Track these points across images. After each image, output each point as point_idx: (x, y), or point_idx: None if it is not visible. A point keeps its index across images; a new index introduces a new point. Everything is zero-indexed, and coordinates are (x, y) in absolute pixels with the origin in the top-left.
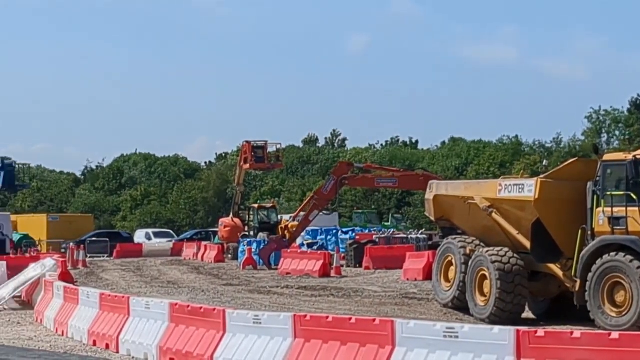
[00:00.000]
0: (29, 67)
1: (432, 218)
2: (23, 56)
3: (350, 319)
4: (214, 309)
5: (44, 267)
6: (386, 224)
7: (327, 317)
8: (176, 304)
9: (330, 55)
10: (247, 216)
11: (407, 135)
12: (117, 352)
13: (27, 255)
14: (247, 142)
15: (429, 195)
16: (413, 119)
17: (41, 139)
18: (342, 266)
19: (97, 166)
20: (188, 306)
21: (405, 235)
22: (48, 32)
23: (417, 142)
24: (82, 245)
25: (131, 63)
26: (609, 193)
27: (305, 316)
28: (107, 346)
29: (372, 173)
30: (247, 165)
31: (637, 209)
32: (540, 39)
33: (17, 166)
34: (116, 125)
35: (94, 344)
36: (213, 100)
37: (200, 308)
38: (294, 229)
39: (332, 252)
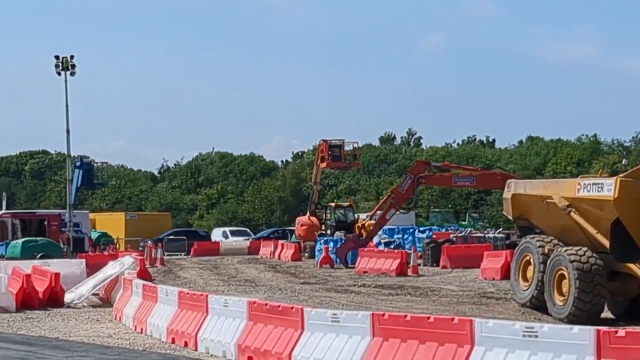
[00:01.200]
0: (108, 66)
1: (510, 217)
2: (102, 55)
3: (429, 317)
4: (292, 307)
5: (122, 265)
6: (463, 222)
7: (406, 316)
8: (254, 302)
9: (406, 54)
10: (324, 215)
11: (484, 134)
12: (196, 349)
13: (106, 253)
14: (324, 140)
15: (507, 194)
16: (490, 118)
17: (119, 138)
18: (419, 265)
19: (174, 164)
20: (266, 304)
21: (482, 234)
22: (126, 33)
23: (494, 140)
24: (159, 244)
25: (209, 62)
26: None
27: (384, 315)
28: (186, 344)
29: (449, 172)
30: (324, 164)
31: None
32: (619, 37)
33: (95, 164)
34: (194, 124)
35: (173, 341)
36: (289, 99)
37: (279, 306)
38: (371, 228)
39: (409, 251)
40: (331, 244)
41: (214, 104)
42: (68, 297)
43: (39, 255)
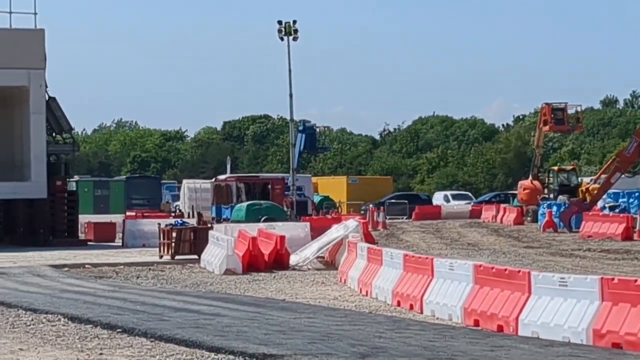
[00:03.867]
0: (329, 30)
1: None
2: (323, 19)
3: None
4: (519, 271)
5: (346, 228)
6: None
7: (636, 281)
8: (480, 265)
9: (629, 14)
10: (547, 179)
11: None
12: (421, 312)
13: (329, 216)
14: (546, 104)
15: None
16: None
17: (339, 102)
18: None
19: (395, 128)
20: (492, 267)
21: None
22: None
23: None
24: (381, 207)
25: (426, 26)
26: None
27: (613, 279)
28: (411, 307)
29: None
30: (547, 128)
31: None
32: None
33: (317, 129)
34: (414, 88)
35: (398, 304)
36: (510, 62)
37: (505, 270)
38: (595, 192)
39: (634, 215)
40: (554, 208)
41: (433, 68)
42: (293, 260)
43: (263, 219)
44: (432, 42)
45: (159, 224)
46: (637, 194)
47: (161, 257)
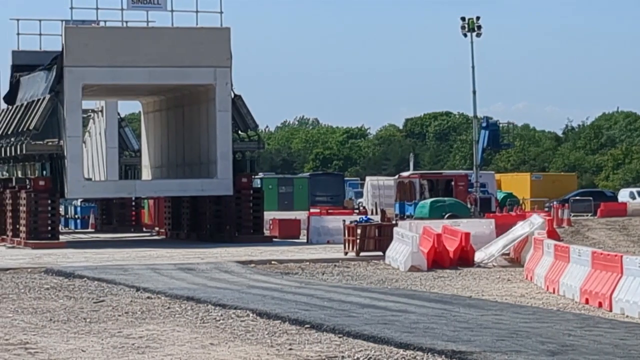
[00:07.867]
0: (512, 25)
1: None
2: (506, 14)
3: None
4: None
5: (532, 225)
6: None
7: None
8: None
9: None
10: None
11: None
12: (610, 310)
13: (513, 213)
14: None
15: None
16: None
17: (523, 98)
18: None
19: (578, 125)
20: None
21: None
22: None
23: None
24: (565, 204)
25: (606, 21)
26: None
27: None
28: (600, 304)
29: None
30: None
31: None
32: None
33: (501, 125)
34: (598, 83)
35: (586, 302)
36: None
37: None
38: None
39: None
40: None
41: (617, 63)
42: (478, 257)
43: (446, 216)
44: (616, 37)
45: (344, 220)
46: None
47: (346, 253)
